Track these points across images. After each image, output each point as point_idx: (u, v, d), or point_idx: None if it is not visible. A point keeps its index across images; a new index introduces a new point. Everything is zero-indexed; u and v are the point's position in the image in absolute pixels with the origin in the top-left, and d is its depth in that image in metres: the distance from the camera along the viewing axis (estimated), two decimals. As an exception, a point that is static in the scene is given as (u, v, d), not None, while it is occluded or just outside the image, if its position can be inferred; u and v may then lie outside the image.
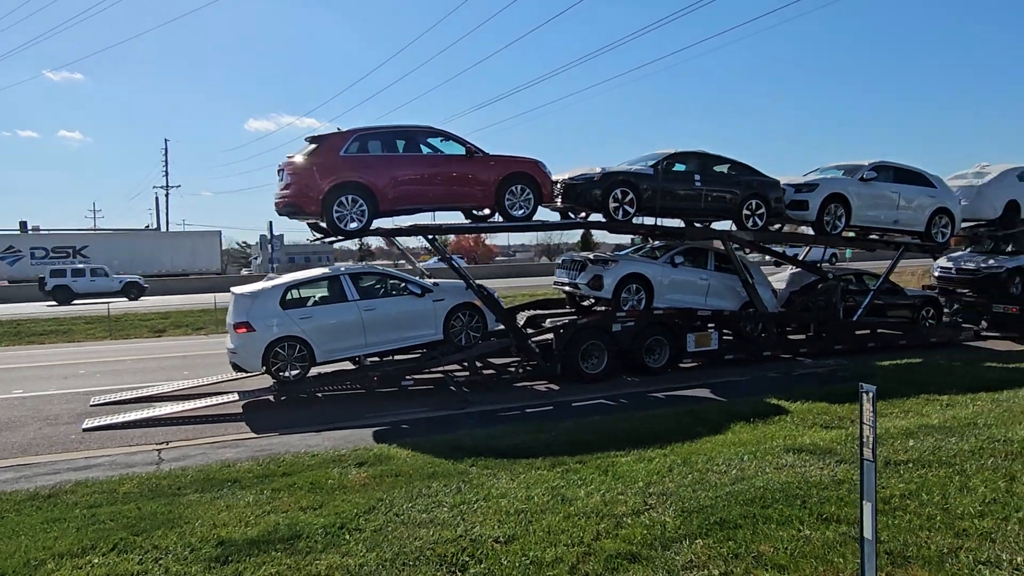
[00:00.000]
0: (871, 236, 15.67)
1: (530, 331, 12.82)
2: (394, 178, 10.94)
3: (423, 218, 12.27)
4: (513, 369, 12.42)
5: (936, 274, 18.09)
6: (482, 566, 4.58)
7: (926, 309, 16.25)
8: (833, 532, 4.87)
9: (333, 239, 11.94)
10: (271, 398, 10.85)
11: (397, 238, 13.27)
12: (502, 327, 12.09)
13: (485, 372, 12.23)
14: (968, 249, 18.06)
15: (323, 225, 11.28)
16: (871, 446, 3.74)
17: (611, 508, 5.52)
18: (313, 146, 10.84)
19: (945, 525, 4.91)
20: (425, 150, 11.44)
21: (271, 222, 52.45)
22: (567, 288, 13.94)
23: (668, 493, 5.82)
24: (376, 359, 11.94)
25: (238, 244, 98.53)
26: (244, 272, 74.11)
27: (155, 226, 66.43)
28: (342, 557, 4.74)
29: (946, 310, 16.91)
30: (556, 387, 11.85)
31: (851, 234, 15.50)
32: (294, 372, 10.52)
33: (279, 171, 11.06)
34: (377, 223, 11.26)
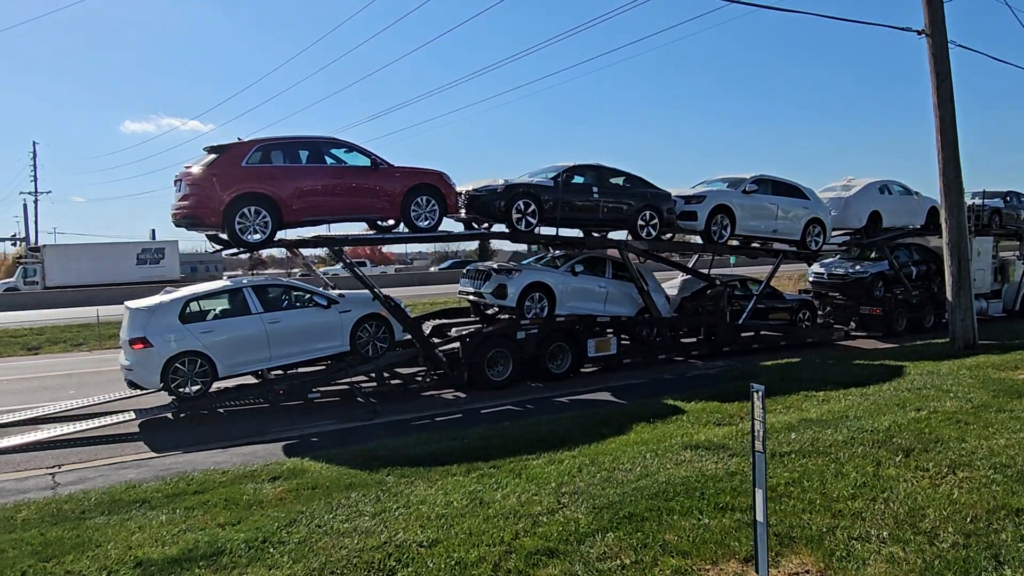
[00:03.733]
0: (753, 244, 16.84)
1: (436, 340, 12.97)
2: (298, 189, 10.85)
3: (323, 229, 12.23)
4: (420, 379, 12.51)
5: (810, 279, 19.60)
6: (409, 570, 4.73)
7: (803, 312, 17.59)
8: (729, 519, 5.34)
9: (235, 251, 11.67)
10: (170, 416, 10.46)
11: (300, 249, 13.11)
12: (408, 337, 12.19)
13: (392, 382, 12.27)
14: (838, 256, 19.72)
15: (223, 236, 11.02)
16: (761, 439, 4.19)
17: (527, 508, 5.79)
18: (213, 156, 10.58)
19: (823, 508, 5.50)
20: (329, 161, 11.40)
21: (153, 230, 49.37)
22: (471, 297, 14.19)
23: (579, 492, 6.15)
24: (280, 372, 11.75)
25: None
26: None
27: (23, 234, 61.40)
28: (268, 570, 4.77)
29: (820, 312, 18.37)
30: (463, 395, 12.06)
31: (735, 243, 16.56)
32: (195, 388, 10.20)
33: (176, 181, 10.73)
34: (280, 234, 11.12)
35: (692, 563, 4.71)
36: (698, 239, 15.61)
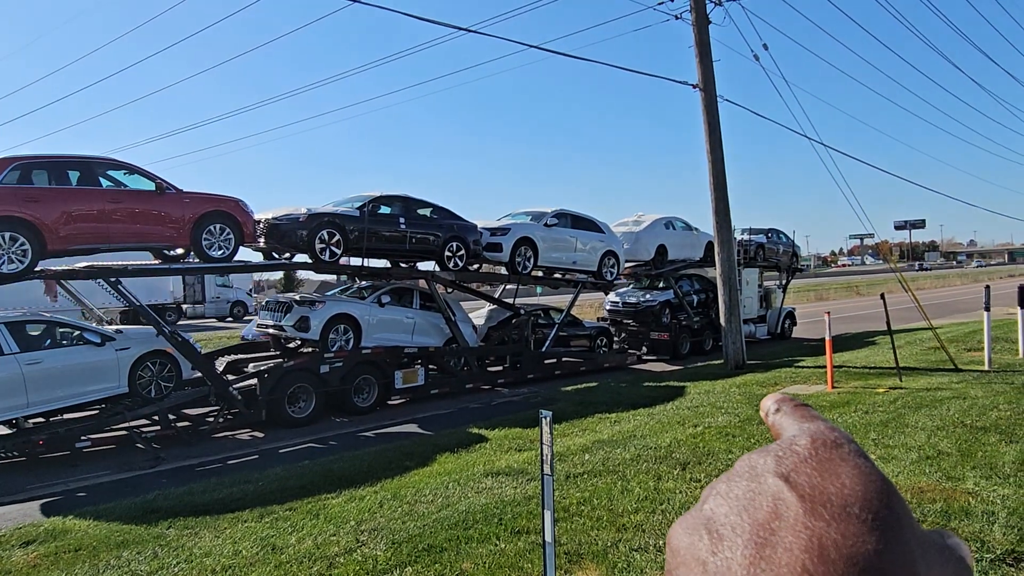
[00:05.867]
0: (555, 275, 17.69)
1: (231, 377, 12.14)
2: (66, 214, 9.74)
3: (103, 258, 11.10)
4: (212, 419, 11.62)
5: (607, 307, 20.95)
6: (183, 632, 4.31)
7: (601, 338, 18.73)
8: (524, 542, 5.47)
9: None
10: None
11: (69, 281, 11.71)
12: (199, 375, 11.30)
13: (179, 425, 11.26)
14: (631, 286, 21.28)
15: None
16: (549, 462, 4.35)
17: (323, 550, 5.54)
18: (-44, 174, 9.20)
19: (610, 523, 5.81)
20: (105, 183, 10.37)
21: None
22: (271, 331, 13.50)
23: (379, 528, 6.00)
24: (41, 420, 10.35)
25: None
26: None
27: None
28: (6, 653, 4.11)
29: (616, 338, 19.67)
30: (261, 434, 11.36)
31: (539, 273, 17.30)
32: (-73, 444, 8.69)
33: (-94, 202, 9.18)
34: (44, 264, 9.90)
35: (487, 590, 4.74)
36: (504, 270, 16.12)
